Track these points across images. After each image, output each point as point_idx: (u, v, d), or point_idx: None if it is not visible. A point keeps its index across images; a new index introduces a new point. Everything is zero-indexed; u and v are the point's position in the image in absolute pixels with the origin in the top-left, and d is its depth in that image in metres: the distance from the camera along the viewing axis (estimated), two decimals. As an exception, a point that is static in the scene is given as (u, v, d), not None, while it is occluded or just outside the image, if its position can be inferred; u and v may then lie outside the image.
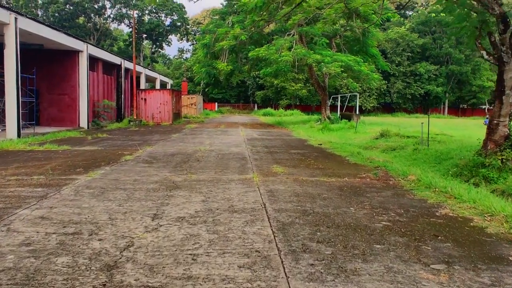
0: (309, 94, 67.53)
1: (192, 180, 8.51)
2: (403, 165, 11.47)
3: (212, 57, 32.62)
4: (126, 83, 36.71)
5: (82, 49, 26.49)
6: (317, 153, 13.92)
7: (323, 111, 31.41)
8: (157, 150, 14.20)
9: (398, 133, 18.52)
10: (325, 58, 26.88)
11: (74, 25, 67.28)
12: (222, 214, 5.81)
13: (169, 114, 33.08)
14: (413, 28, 73.74)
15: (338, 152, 14.10)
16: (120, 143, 16.48)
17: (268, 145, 16.34)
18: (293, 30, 30.06)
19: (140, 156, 12.36)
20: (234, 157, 12.56)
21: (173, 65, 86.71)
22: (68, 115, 26.86)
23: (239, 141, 17.99)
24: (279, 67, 27.46)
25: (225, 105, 75.71)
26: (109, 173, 9.26)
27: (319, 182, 8.59)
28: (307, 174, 9.59)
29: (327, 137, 20.86)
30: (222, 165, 10.84)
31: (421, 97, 72.54)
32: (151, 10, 70.46)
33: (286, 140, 19.25)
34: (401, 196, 7.38)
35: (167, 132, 23.41)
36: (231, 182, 8.40)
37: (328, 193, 7.45)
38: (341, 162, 11.77)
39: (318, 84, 31.93)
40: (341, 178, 9.11)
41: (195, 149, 14.46)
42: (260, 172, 9.75)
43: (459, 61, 70.23)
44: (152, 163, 10.93)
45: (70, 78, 26.63)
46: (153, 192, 7.31)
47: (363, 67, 27.96)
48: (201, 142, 17.19)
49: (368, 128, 24.67)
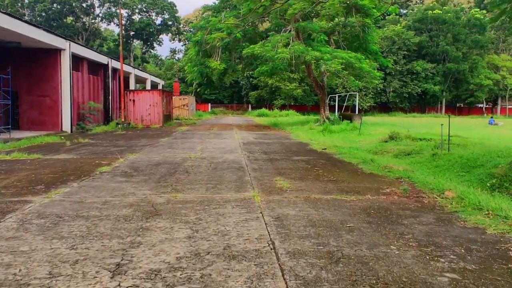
0: (304, 94, 65.90)
1: (177, 202, 6.75)
2: (427, 175, 9.79)
3: (205, 55, 30.81)
4: (114, 84, 34.84)
5: (64, 47, 24.63)
6: (324, 160, 12.20)
7: (322, 111, 29.69)
8: (141, 158, 12.41)
9: (408, 136, 16.84)
10: (325, 55, 25.16)
11: (62, 24, 65.19)
12: (215, 264, 4.05)
13: (159, 116, 31.25)
14: (409, 26, 72.32)
15: (348, 159, 12.39)
16: (101, 150, 14.68)
17: (266, 151, 14.60)
18: (289, 26, 28.36)
19: (119, 167, 10.57)
20: (229, 166, 10.81)
21: (165, 65, 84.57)
22: (49, 118, 24.96)
23: (234, 146, 16.24)
24: (276, 65, 25.68)
25: (218, 106, 73.87)
26: (75, 192, 7.47)
27: (337, 201, 6.86)
28: (319, 189, 7.85)
29: (330, 140, 19.15)
30: (215, 178, 9.09)
31: (418, 96, 71.12)
32: (141, 9, 68.46)
33: (285, 144, 17.51)
34: (448, 224, 5.67)
35: (156, 136, 21.61)
36: (227, 204, 6.64)
37: (353, 220, 5.72)
38: (354, 172, 10.05)
39: (316, 83, 30.20)
40: (362, 195, 7.38)
41: (185, 157, 12.69)
42: (262, 187, 8.00)
43: (456, 59, 68.88)
44: (132, 177, 9.15)
45: (52, 79, 24.73)
46: (124, 222, 5.54)
47: (365, 64, 26.28)
48: (191, 148, 15.42)
49: (371, 129, 22.98)
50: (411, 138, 16.62)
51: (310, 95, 67.60)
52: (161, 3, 67.52)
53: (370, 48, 30.50)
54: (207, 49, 30.15)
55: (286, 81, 62.12)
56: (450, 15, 68.23)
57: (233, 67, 32.01)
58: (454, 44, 69.42)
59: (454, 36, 69.32)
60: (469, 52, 70.17)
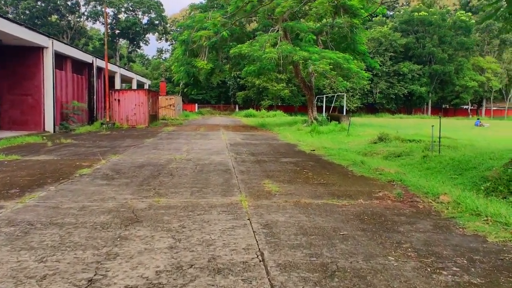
0: (292, 95, 65.70)
1: (160, 207, 6.35)
2: (419, 177, 9.53)
3: (191, 55, 30.32)
4: (99, 83, 34.15)
5: (47, 45, 23.98)
6: (313, 162, 11.88)
7: (310, 112, 29.43)
8: (124, 160, 11.96)
9: (398, 137, 16.62)
10: (313, 55, 24.90)
11: (46, 23, 64.02)
12: (198, 279, 3.68)
13: (144, 116, 30.69)
14: (395, 27, 72.60)
15: (337, 161, 12.09)
16: (83, 151, 14.18)
17: (254, 152, 14.24)
18: (277, 26, 28.07)
19: (100, 169, 10.12)
20: (215, 168, 10.43)
21: (152, 65, 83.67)
22: (31, 117, 24.29)
23: (220, 147, 15.85)
24: (263, 65, 25.33)
25: (205, 106, 73.29)
26: (51, 197, 7.02)
27: (329, 206, 6.53)
28: (309, 193, 7.52)
29: (318, 141, 18.87)
30: (200, 181, 8.70)
31: (404, 97, 71.39)
32: (128, 7, 67.54)
33: (273, 145, 17.17)
34: (447, 231, 5.37)
35: (141, 136, 21.12)
36: (212, 209, 6.26)
37: (346, 227, 5.39)
38: (345, 175, 9.75)
39: (304, 83, 29.94)
40: (354, 199, 7.07)
41: (170, 158, 12.27)
42: (250, 191, 7.64)
43: (442, 61, 69.29)
44: (113, 179, 8.72)
45: (34, 77, 24.07)
46: (101, 230, 5.14)
47: (353, 65, 26.08)
48: (177, 149, 14.99)
49: (360, 130, 22.77)
50: (400, 140, 16.42)
51: (298, 95, 67.42)
52: (147, 2, 66.72)
53: (358, 48, 30.35)
54: (194, 49, 29.69)
55: (273, 82, 61.84)
56: (436, 17, 68.65)
57: (220, 67, 31.57)
58: (440, 46, 69.84)
59: (440, 38, 69.75)
60: (455, 54, 70.65)
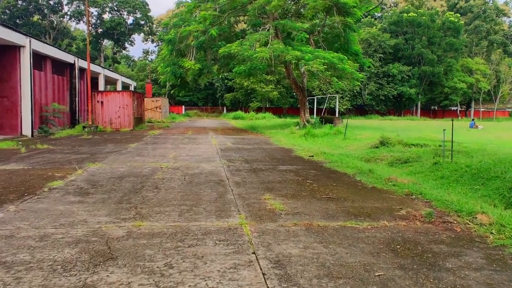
0: (280, 96, 64.64)
1: (141, 235, 5.11)
2: (436, 188, 8.44)
3: (178, 55, 29.00)
4: (82, 84, 32.64)
5: (24, 44, 22.51)
6: (314, 171, 10.72)
7: (302, 114, 28.29)
8: (103, 169, 10.66)
9: (400, 141, 15.56)
10: (306, 54, 23.77)
11: (27, 22, 62.07)
12: None
13: (129, 119, 29.29)
14: (384, 28, 72.05)
15: (341, 169, 10.95)
16: (59, 158, 12.84)
17: (248, 159, 13.03)
18: (268, 25, 26.91)
19: (75, 181, 8.83)
20: (207, 179, 9.20)
21: (137, 66, 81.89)
22: (7, 121, 22.80)
23: (211, 153, 14.61)
24: (254, 65, 24.12)
25: (192, 108, 71.83)
26: (8, 220, 5.73)
27: (349, 231, 5.35)
28: (320, 212, 6.34)
29: (314, 145, 17.74)
30: (190, 195, 7.46)
31: (394, 99, 70.79)
32: (112, 7, 65.81)
33: (267, 150, 15.98)
34: (507, 268, 4.23)
35: (125, 140, 19.77)
36: (207, 238, 5.03)
37: (380, 264, 4.22)
38: (354, 186, 8.60)
39: (296, 84, 28.81)
40: (376, 220, 5.91)
41: (155, 167, 11.01)
42: (250, 210, 6.43)
43: (431, 62, 68.84)
44: (88, 195, 7.44)
45: (10, 78, 22.59)
46: (61, 274, 3.89)
47: (347, 65, 25.02)
48: (163, 155, 13.72)
49: (356, 133, 21.69)
50: (403, 144, 15.34)
51: (286, 97, 66.41)
52: (132, 2, 65.08)
53: (352, 48, 29.34)
54: (181, 48, 28.37)
55: (262, 83, 60.73)
56: (425, 18, 68.20)
57: (208, 67, 30.28)
58: (429, 47, 69.42)
59: (429, 39, 69.34)
60: (444, 55, 70.30)
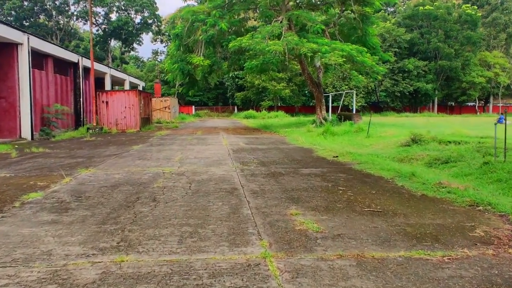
0: (293, 94, 62.84)
1: (121, 278, 3.52)
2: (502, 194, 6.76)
3: (186, 50, 27.48)
4: (87, 84, 31.27)
5: (22, 41, 21.13)
6: (344, 174, 9.07)
7: (318, 111, 26.58)
8: (96, 176, 9.12)
9: (434, 138, 13.85)
10: (322, 47, 22.08)
11: (34, 24, 61.09)
12: None
13: (136, 120, 27.82)
14: (399, 22, 69.88)
15: (375, 171, 9.28)
16: (51, 163, 11.35)
17: (264, 161, 11.41)
18: (280, 17, 25.27)
19: (57, 192, 7.29)
20: (217, 188, 7.60)
21: (146, 67, 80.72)
22: (5, 123, 21.47)
23: (221, 155, 13.01)
24: (267, 59, 22.48)
25: (202, 108, 70.37)
26: None
27: (420, 268, 3.70)
28: (369, 234, 4.70)
29: (335, 144, 16.07)
30: (196, 211, 5.87)
31: (409, 95, 68.54)
32: (119, 6, 64.55)
33: (285, 150, 14.33)
34: None
35: (129, 142, 18.28)
36: (216, 283, 3.43)
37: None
38: (399, 194, 6.93)
39: (311, 80, 27.10)
40: (450, 247, 4.25)
41: (156, 172, 9.45)
42: (274, 232, 4.81)
43: (448, 56, 66.52)
44: (67, 212, 5.89)
45: (7, 78, 21.25)
46: None
47: (366, 58, 23.27)
48: (168, 158, 12.16)
49: (379, 130, 19.91)
50: (438, 141, 13.61)
51: (299, 95, 64.65)
52: (140, 0, 63.76)
53: (370, 41, 27.56)
54: (189, 44, 26.86)
55: (273, 81, 59.06)
56: (441, 11, 65.90)
57: (218, 63, 28.69)
58: (445, 40, 67.10)
59: (445, 32, 67.03)
60: (461, 49, 67.93)
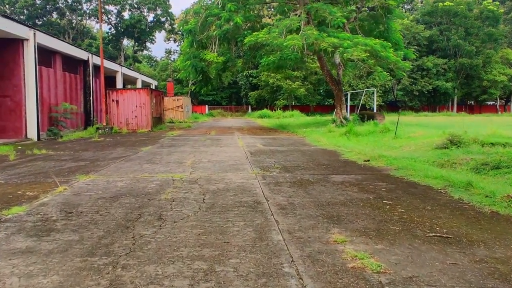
0: (308, 93, 61.37)
1: None
2: None
3: (199, 46, 26.27)
4: (97, 83, 30.25)
5: (27, 37, 20.12)
6: (383, 182, 7.71)
7: (338, 110, 25.15)
8: (96, 183, 7.90)
9: (475, 139, 12.42)
10: (344, 41, 20.69)
11: (46, 22, 60.54)
12: None
13: (147, 119, 26.70)
14: (417, 19, 67.91)
15: (419, 179, 7.91)
16: (50, 167, 10.19)
17: (286, 165, 10.09)
18: (298, 11, 23.92)
19: (45, 206, 6.07)
20: (236, 201, 6.32)
21: (159, 66, 79.84)
22: (11, 123, 20.50)
23: (238, 158, 11.72)
24: (285, 55, 21.18)
25: (216, 108, 69.24)
26: None
27: None
28: (453, 279, 3.35)
29: (361, 145, 14.70)
30: (211, 236, 4.58)
31: (428, 94, 66.51)
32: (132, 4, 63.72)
33: (307, 153, 12.99)
34: None
35: (138, 143, 17.10)
36: None
37: None
38: (461, 211, 5.57)
39: (331, 77, 25.68)
40: None
41: (165, 179, 8.20)
42: (319, 272, 3.48)
43: (469, 54, 64.37)
44: (48, 235, 4.65)
45: (12, 75, 20.28)
46: None
47: (390, 53, 21.81)
48: (179, 162, 10.91)
49: (408, 131, 18.45)
50: (480, 143, 12.16)
51: (314, 94, 63.19)
52: (153, -2, 62.93)
53: (393, 37, 26.00)
54: (202, 40, 25.65)
55: (288, 80, 57.67)
56: (462, 7, 63.80)
57: (232, 60, 27.41)
58: (466, 37, 64.97)
59: (466, 29, 64.90)
60: (482, 46, 65.73)
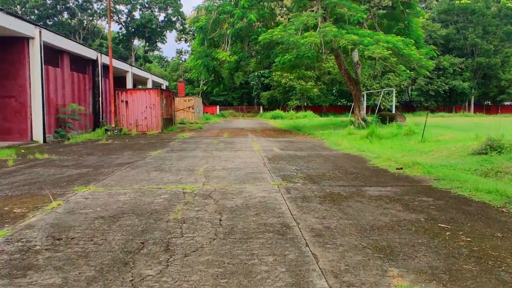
0: (321, 94, 60.14)
1: None
2: None
3: (211, 45, 25.27)
4: (106, 83, 29.40)
5: (33, 35, 19.28)
6: (429, 198, 6.59)
7: (357, 111, 23.98)
8: (95, 197, 6.89)
9: (516, 144, 11.25)
10: (364, 38, 19.53)
11: (57, 22, 60.11)
12: None
13: (157, 120, 25.74)
14: (433, 18, 66.29)
15: (469, 193, 6.77)
16: (49, 175, 9.22)
17: (311, 174, 9.00)
18: (315, 7, 22.81)
19: (31, 228, 5.04)
20: (259, 223, 5.25)
21: (170, 66, 79.13)
22: (16, 125, 19.68)
23: (255, 164, 10.64)
24: (301, 53, 20.09)
25: (227, 108, 68.28)
26: None
27: None
28: None
29: (386, 150, 13.55)
30: (232, 281, 3.52)
31: (445, 94, 64.84)
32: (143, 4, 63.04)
33: (330, 158, 11.87)
34: None
35: (147, 146, 16.12)
36: None
37: None
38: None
39: (349, 76, 24.51)
40: None
41: (175, 192, 7.16)
42: None
43: (487, 53, 62.61)
44: (24, 276, 3.61)
45: (17, 75, 19.45)
46: None
47: (413, 51, 20.59)
48: (191, 169, 9.88)
49: (435, 134, 17.20)
50: (523, 148, 10.95)
51: (327, 94, 61.98)
52: (164, -3, 62.16)
53: (414, 34, 24.72)
54: (214, 38, 24.65)
55: (301, 80, 56.51)
56: (479, 5, 62.08)
57: (245, 59, 26.35)
58: (484, 36, 63.23)
59: (483, 27, 63.16)
60: (501, 45, 63.95)
